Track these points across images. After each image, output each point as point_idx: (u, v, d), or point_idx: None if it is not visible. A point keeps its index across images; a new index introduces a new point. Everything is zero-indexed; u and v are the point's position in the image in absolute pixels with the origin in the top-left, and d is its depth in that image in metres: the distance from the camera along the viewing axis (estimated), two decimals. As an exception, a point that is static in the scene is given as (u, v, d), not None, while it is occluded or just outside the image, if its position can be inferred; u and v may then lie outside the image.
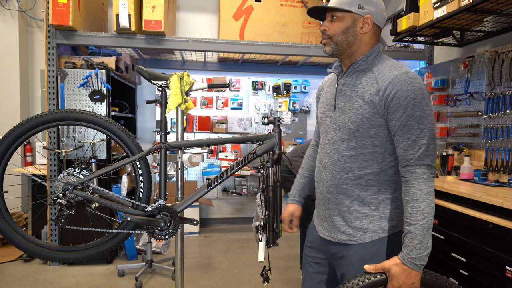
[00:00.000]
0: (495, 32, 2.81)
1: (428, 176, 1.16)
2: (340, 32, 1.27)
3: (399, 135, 1.19)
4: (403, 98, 1.16)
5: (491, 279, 1.96)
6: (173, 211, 1.65)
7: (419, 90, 1.16)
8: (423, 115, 1.16)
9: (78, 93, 3.38)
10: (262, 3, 4.19)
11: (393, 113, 1.18)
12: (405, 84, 1.16)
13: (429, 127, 1.16)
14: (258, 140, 1.71)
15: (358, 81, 1.27)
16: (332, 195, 1.34)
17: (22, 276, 3.16)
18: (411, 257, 1.13)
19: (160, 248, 3.85)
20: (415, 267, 1.13)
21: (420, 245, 1.13)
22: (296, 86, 4.89)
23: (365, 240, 1.28)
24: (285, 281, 3.18)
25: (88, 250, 1.66)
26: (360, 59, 1.28)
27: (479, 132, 2.91)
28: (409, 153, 1.17)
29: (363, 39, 1.28)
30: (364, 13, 1.25)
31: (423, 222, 1.13)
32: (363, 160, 1.27)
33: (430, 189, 1.15)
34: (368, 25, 1.26)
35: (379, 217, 1.28)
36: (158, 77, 1.71)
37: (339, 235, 1.33)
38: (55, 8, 3.15)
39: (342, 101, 1.31)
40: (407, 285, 1.13)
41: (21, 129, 1.54)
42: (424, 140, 1.16)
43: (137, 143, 1.66)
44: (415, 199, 1.15)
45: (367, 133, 1.24)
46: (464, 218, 2.18)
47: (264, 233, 1.66)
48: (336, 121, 1.32)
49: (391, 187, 1.29)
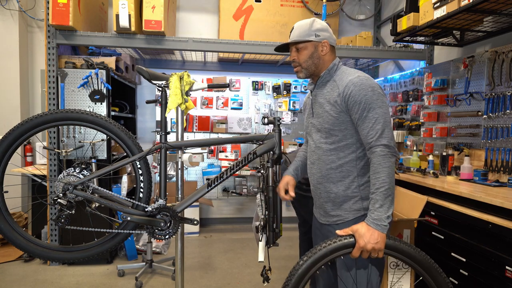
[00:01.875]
0: (495, 32, 2.81)
1: (385, 153, 1.39)
2: (307, 58, 1.58)
3: (359, 125, 1.46)
4: (356, 96, 1.44)
5: (491, 279, 1.96)
6: (173, 211, 1.65)
7: (369, 88, 1.44)
8: (375, 107, 1.43)
9: (78, 93, 3.38)
10: (262, 3, 4.19)
11: (352, 108, 1.46)
12: (357, 85, 1.45)
13: (382, 115, 1.42)
14: (258, 140, 1.71)
15: (325, 90, 1.58)
16: (321, 185, 1.60)
17: (22, 276, 3.16)
18: (373, 218, 1.36)
19: (160, 248, 3.85)
20: (377, 227, 1.34)
21: (380, 209, 1.35)
22: (296, 86, 4.89)
23: (350, 218, 1.54)
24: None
25: (88, 250, 1.66)
26: (324, 73, 1.59)
27: (479, 132, 2.91)
28: (369, 137, 1.43)
29: (325, 58, 1.59)
30: (321, 39, 1.56)
31: (382, 190, 1.36)
32: (341, 152, 1.54)
33: (389, 163, 1.39)
34: (326, 47, 1.57)
35: (360, 197, 1.53)
36: (158, 77, 1.71)
37: (331, 218, 1.59)
38: (55, 8, 3.15)
39: (316, 108, 1.61)
40: (371, 244, 1.34)
41: (21, 129, 1.54)
42: (379, 126, 1.41)
43: (137, 143, 1.66)
44: (376, 172, 1.39)
45: (339, 128, 1.52)
46: (464, 218, 2.18)
47: (264, 233, 1.66)
48: (315, 125, 1.62)
49: (368, 171, 1.52)
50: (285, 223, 4.82)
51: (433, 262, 1.41)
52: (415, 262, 1.39)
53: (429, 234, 2.49)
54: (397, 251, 1.39)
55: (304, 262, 1.37)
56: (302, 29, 1.57)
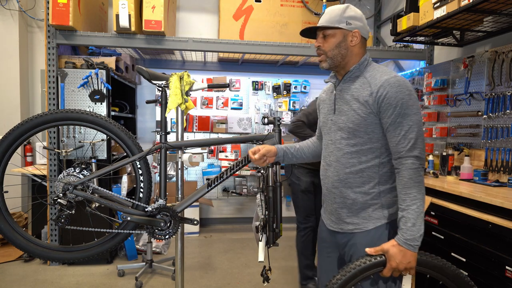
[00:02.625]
0: (495, 32, 2.81)
1: (417, 166, 1.30)
2: (334, 47, 1.43)
3: (390, 131, 1.34)
4: (392, 98, 1.31)
5: (491, 279, 1.96)
6: (173, 211, 1.65)
7: (406, 92, 1.32)
8: (410, 113, 1.31)
9: (78, 93, 3.38)
10: (262, 3, 4.19)
11: (385, 111, 1.34)
12: (394, 86, 1.32)
13: (417, 123, 1.31)
14: (258, 140, 1.71)
15: (354, 86, 1.43)
16: (337, 189, 1.47)
17: (22, 276, 3.16)
18: (405, 238, 1.27)
19: (160, 248, 3.85)
20: (410, 248, 1.27)
21: (413, 228, 1.27)
22: (296, 86, 4.88)
23: (370, 227, 1.41)
24: (285, 281, 3.18)
25: (88, 250, 1.66)
26: (354, 67, 1.44)
27: (479, 132, 2.91)
28: (400, 147, 1.32)
29: (353, 51, 1.44)
30: (352, 28, 1.42)
31: (414, 207, 1.27)
32: (363, 155, 1.41)
33: (420, 178, 1.30)
34: (357, 38, 1.43)
35: (381, 205, 1.41)
36: (158, 77, 1.71)
37: (346, 226, 1.46)
38: (55, 8, 3.15)
39: (340, 104, 1.46)
40: (403, 264, 1.27)
41: (21, 129, 1.54)
42: (413, 135, 1.30)
43: (137, 143, 1.66)
44: (406, 187, 1.29)
45: (365, 130, 1.39)
46: (464, 218, 2.18)
47: (264, 233, 1.66)
48: (336, 123, 1.47)
49: (390, 177, 1.42)
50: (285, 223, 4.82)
51: (465, 275, 1.37)
52: (446, 277, 1.36)
53: (429, 234, 2.49)
54: (428, 266, 1.35)
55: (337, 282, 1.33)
56: (333, 14, 1.42)
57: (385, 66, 1.45)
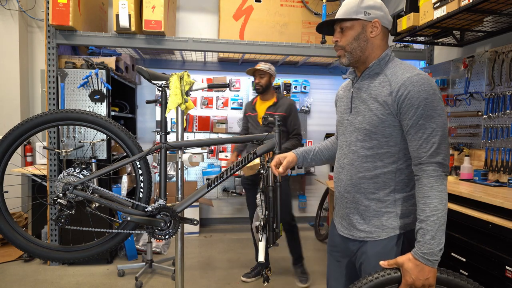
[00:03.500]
0: (495, 32, 2.81)
1: (439, 173, 1.18)
2: (352, 40, 1.32)
3: (411, 134, 1.23)
4: (415, 98, 1.20)
5: (491, 279, 1.96)
6: (173, 211, 1.65)
7: (431, 91, 1.20)
8: (434, 115, 1.19)
9: (78, 93, 3.38)
10: (262, 3, 4.19)
11: (406, 113, 1.22)
12: (417, 85, 1.20)
13: (441, 126, 1.20)
14: (258, 140, 1.71)
15: (372, 84, 1.32)
16: (350, 194, 1.38)
17: (22, 276, 3.16)
18: (423, 252, 1.15)
19: (160, 248, 3.85)
20: (427, 263, 1.15)
21: (432, 241, 1.15)
22: (296, 86, 4.88)
23: (383, 237, 1.32)
24: (285, 281, 3.18)
25: (88, 250, 1.66)
26: (373, 63, 1.33)
27: (479, 132, 2.91)
28: (421, 152, 1.20)
29: (374, 43, 1.33)
30: (371, 18, 1.30)
31: (434, 219, 1.15)
32: (379, 160, 1.31)
33: (442, 186, 1.18)
34: (377, 28, 1.31)
35: (395, 214, 1.31)
36: (158, 77, 1.71)
37: (357, 233, 1.37)
38: (55, 8, 3.15)
39: (357, 103, 1.36)
40: (420, 280, 1.15)
41: (21, 129, 1.54)
42: (436, 139, 1.19)
43: (137, 143, 1.66)
44: (426, 196, 1.18)
45: (382, 133, 1.29)
46: (464, 218, 2.18)
47: (264, 233, 1.66)
48: (352, 123, 1.37)
49: (407, 185, 1.32)
50: (285, 223, 4.82)
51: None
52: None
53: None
54: (450, 286, 1.20)
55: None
56: (349, 5, 1.31)
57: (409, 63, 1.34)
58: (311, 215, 5.00)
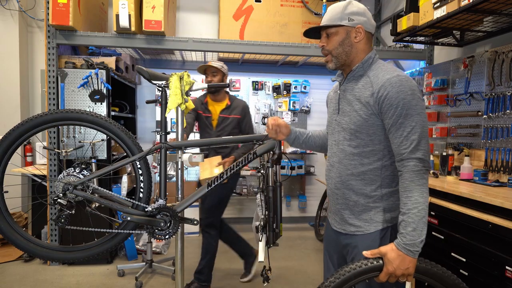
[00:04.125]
0: (495, 32, 2.81)
1: (420, 168, 1.25)
2: (338, 45, 1.41)
3: (392, 132, 1.31)
4: (394, 98, 1.28)
5: (491, 279, 1.96)
6: (173, 211, 1.65)
7: (409, 91, 1.28)
8: (413, 113, 1.27)
9: (78, 93, 3.38)
10: (262, 3, 4.19)
11: (386, 112, 1.30)
12: (395, 86, 1.28)
13: (420, 124, 1.27)
14: (258, 140, 1.70)
15: (356, 86, 1.41)
16: (339, 190, 1.47)
17: (22, 276, 3.16)
18: (405, 243, 1.23)
19: (160, 248, 3.85)
20: (409, 253, 1.23)
21: (413, 232, 1.23)
22: (296, 86, 4.88)
23: (371, 230, 1.40)
24: (285, 281, 3.18)
25: (88, 250, 1.66)
26: (357, 66, 1.42)
27: (479, 132, 2.91)
28: (402, 148, 1.28)
29: (358, 47, 1.42)
30: (354, 24, 1.39)
31: (415, 211, 1.23)
32: (365, 158, 1.39)
33: (423, 181, 1.25)
34: (361, 34, 1.40)
35: (382, 208, 1.39)
36: (158, 77, 1.71)
37: (348, 227, 1.46)
38: (55, 8, 3.15)
39: (344, 105, 1.45)
40: (401, 269, 1.23)
41: (21, 129, 1.54)
42: (415, 136, 1.26)
43: (137, 143, 1.66)
44: (408, 190, 1.25)
45: (367, 132, 1.37)
46: (464, 218, 2.18)
47: (264, 233, 1.66)
48: (340, 123, 1.47)
49: (393, 181, 1.39)
50: (285, 223, 4.83)
51: (465, 286, 1.31)
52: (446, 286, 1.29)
53: (429, 234, 2.49)
54: (428, 275, 1.29)
55: (330, 285, 1.29)
56: (334, 12, 1.40)
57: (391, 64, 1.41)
58: (311, 215, 5.00)
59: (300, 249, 3.96)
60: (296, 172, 4.82)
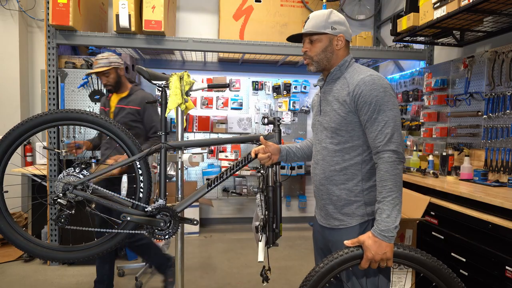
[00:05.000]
0: (495, 32, 2.81)
1: (394, 159, 1.34)
2: (320, 52, 1.50)
3: (367, 127, 1.40)
4: (367, 96, 1.37)
5: (491, 279, 1.96)
6: (173, 211, 1.65)
7: (381, 89, 1.37)
8: (385, 109, 1.36)
9: (78, 93, 3.38)
10: (262, 3, 4.19)
11: (361, 109, 1.40)
12: (368, 84, 1.38)
13: (392, 119, 1.36)
14: (258, 140, 1.71)
15: (334, 87, 1.51)
16: (324, 186, 1.55)
17: (22, 276, 3.16)
18: (380, 229, 1.31)
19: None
20: (384, 239, 1.31)
21: (388, 219, 1.31)
22: (296, 86, 4.88)
23: (353, 224, 1.48)
24: (285, 281, 3.18)
25: (88, 250, 1.66)
26: (334, 69, 1.52)
27: (479, 132, 2.91)
28: (377, 142, 1.37)
29: (338, 53, 1.52)
30: (337, 33, 1.49)
31: (390, 199, 1.31)
32: (346, 154, 1.48)
33: (396, 171, 1.33)
34: (342, 42, 1.50)
35: (363, 202, 1.47)
36: (158, 77, 1.71)
37: (333, 221, 1.53)
38: (55, 8, 3.15)
39: (324, 106, 1.55)
40: (379, 255, 1.31)
41: (21, 129, 1.54)
42: (388, 130, 1.35)
43: (137, 143, 1.66)
44: (383, 180, 1.34)
45: (346, 129, 1.46)
46: (464, 218, 2.18)
47: (264, 233, 1.66)
48: (321, 123, 1.55)
49: (373, 175, 1.46)
50: (285, 223, 4.83)
51: (446, 267, 1.36)
52: (427, 269, 1.36)
53: (429, 234, 2.49)
54: (407, 258, 1.36)
55: (314, 275, 1.36)
56: (318, 20, 1.48)
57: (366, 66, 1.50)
58: (311, 215, 5.00)
59: (300, 249, 3.97)
60: (296, 172, 4.82)
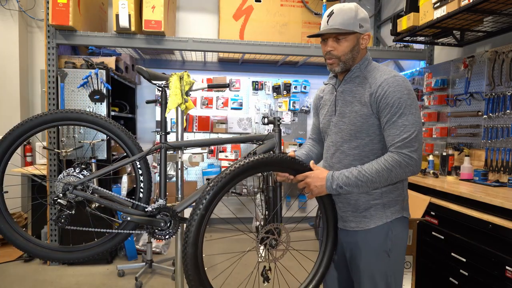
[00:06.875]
0: (495, 32, 2.81)
1: (400, 158, 1.31)
2: (348, 51, 1.40)
3: (386, 130, 1.36)
4: (390, 97, 1.32)
5: (491, 279, 1.96)
6: (173, 211, 1.65)
7: (404, 91, 1.32)
8: (407, 113, 1.31)
9: (78, 93, 3.38)
10: (262, 3, 4.19)
11: (382, 111, 1.35)
12: (392, 86, 1.33)
13: (413, 124, 1.31)
14: (258, 140, 1.70)
15: (355, 87, 1.44)
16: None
17: (22, 276, 3.16)
18: (332, 175, 1.37)
19: (160, 248, 3.85)
20: (327, 182, 1.37)
21: (344, 178, 1.35)
22: (296, 86, 4.88)
23: (371, 226, 1.44)
24: (285, 281, 3.18)
25: (88, 250, 1.66)
26: (355, 67, 1.44)
27: (479, 132, 2.91)
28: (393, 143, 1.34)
29: (362, 52, 1.45)
30: (364, 31, 1.41)
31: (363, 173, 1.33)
32: (365, 157, 1.42)
33: (391, 167, 1.31)
34: (367, 40, 1.42)
35: (382, 205, 1.43)
36: (158, 77, 1.71)
37: (349, 224, 1.50)
38: (55, 8, 3.15)
39: (341, 106, 1.47)
40: (312, 184, 1.39)
41: (21, 129, 1.54)
42: (407, 135, 1.31)
43: (137, 143, 1.66)
44: (376, 162, 1.34)
45: (366, 132, 1.40)
46: (464, 218, 2.18)
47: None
48: (337, 124, 1.48)
49: None
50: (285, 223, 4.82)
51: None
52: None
53: (429, 234, 2.49)
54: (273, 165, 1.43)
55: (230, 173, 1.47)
56: (346, 16, 1.36)
57: (385, 66, 1.44)
58: (311, 215, 5.00)
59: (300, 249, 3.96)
60: (296, 172, 4.82)
